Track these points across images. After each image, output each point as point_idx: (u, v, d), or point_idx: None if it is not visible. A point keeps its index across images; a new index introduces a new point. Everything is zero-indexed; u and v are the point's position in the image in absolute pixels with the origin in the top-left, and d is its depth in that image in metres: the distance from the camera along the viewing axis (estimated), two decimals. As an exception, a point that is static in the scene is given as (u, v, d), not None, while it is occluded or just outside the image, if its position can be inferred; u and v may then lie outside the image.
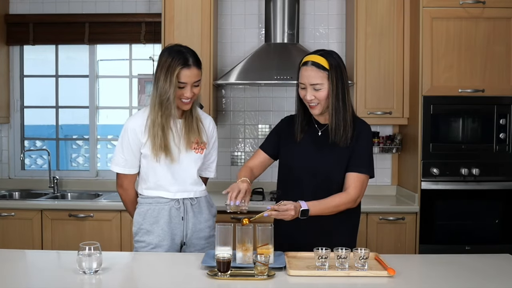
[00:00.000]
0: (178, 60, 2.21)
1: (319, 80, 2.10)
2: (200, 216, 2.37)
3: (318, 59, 2.12)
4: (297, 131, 2.23)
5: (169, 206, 2.32)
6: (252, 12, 3.91)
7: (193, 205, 2.36)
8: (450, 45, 3.27)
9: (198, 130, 2.34)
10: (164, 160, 2.28)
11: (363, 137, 2.19)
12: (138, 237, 2.35)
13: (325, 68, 2.10)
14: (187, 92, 2.23)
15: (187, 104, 2.27)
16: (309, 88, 2.12)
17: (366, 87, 3.51)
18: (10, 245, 3.34)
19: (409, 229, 3.30)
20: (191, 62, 2.23)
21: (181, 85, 2.22)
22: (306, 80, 2.12)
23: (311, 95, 2.12)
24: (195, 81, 2.25)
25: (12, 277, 1.86)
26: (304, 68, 2.14)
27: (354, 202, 2.15)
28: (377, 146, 3.74)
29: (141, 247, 2.33)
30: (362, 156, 2.17)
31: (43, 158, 4.67)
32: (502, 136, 3.28)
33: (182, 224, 2.34)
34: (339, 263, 1.86)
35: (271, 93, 3.92)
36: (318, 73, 2.10)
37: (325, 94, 2.11)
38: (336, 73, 2.11)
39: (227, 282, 1.78)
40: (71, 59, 4.21)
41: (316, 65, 2.11)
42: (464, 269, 1.97)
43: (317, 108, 2.14)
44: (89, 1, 3.99)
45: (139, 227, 2.34)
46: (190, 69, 2.22)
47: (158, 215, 2.31)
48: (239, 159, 3.93)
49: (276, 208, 1.98)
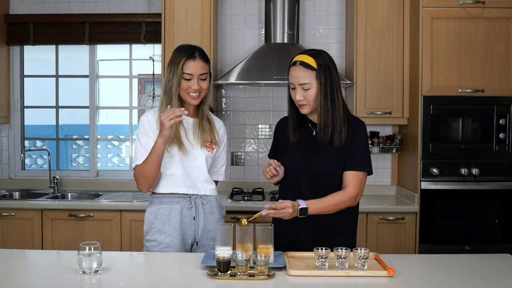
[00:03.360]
0: (184, 53, 2.27)
1: (307, 79, 2.12)
2: (211, 217, 2.37)
3: (307, 59, 2.13)
4: (290, 131, 2.24)
5: (180, 205, 2.31)
6: (252, 12, 3.91)
7: (205, 205, 2.35)
8: (450, 45, 3.27)
9: (211, 129, 2.36)
10: (177, 153, 2.27)
11: (359, 134, 2.19)
12: (149, 236, 2.33)
13: (313, 68, 2.12)
14: (194, 84, 2.25)
15: (195, 98, 2.28)
16: (298, 88, 2.13)
17: (366, 87, 3.51)
18: (10, 245, 3.34)
19: (409, 229, 3.30)
20: (197, 55, 2.27)
21: (187, 76, 2.25)
22: (295, 80, 2.14)
23: (300, 95, 2.13)
24: (201, 74, 2.27)
25: (12, 277, 1.86)
26: (293, 68, 2.16)
27: (354, 200, 2.16)
28: (377, 146, 3.75)
29: (152, 246, 2.32)
30: (359, 154, 2.17)
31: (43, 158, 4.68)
32: (502, 136, 3.28)
33: (194, 224, 2.33)
34: (339, 263, 1.86)
35: (271, 93, 3.92)
36: (306, 73, 2.12)
37: (314, 94, 2.13)
38: (325, 72, 2.12)
39: (227, 282, 1.78)
40: (71, 59, 4.22)
41: (304, 65, 2.13)
42: (464, 269, 1.97)
43: (306, 107, 2.16)
44: (89, 1, 4.00)
45: (151, 226, 2.33)
46: (195, 61, 2.26)
47: (170, 214, 2.31)
48: (239, 159, 3.94)
49: (274, 207, 1.99)
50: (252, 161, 3.94)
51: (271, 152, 2.41)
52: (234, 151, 3.94)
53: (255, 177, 3.88)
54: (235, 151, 3.95)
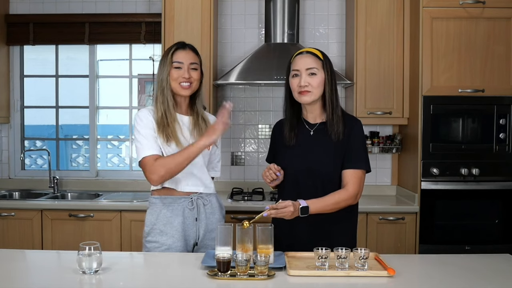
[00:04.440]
0: (174, 45, 2.34)
1: (315, 64, 2.16)
2: (212, 217, 2.37)
3: (313, 50, 2.21)
4: (286, 131, 2.25)
5: (182, 206, 2.31)
6: (252, 12, 3.91)
7: (206, 205, 2.35)
8: (450, 45, 3.27)
9: (206, 126, 2.36)
10: (175, 150, 2.26)
11: (355, 132, 2.20)
12: (151, 237, 2.32)
13: (320, 58, 2.18)
14: (185, 73, 2.27)
15: (186, 88, 2.29)
16: (304, 73, 2.15)
17: (366, 87, 3.51)
18: (10, 245, 3.34)
19: (409, 229, 3.30)
20: (186, 46, 2.34)
21: (177, 64, 2.27)
22: (302, 65, 2.16)
23: (305, 81, 2.14)
24: (191, 62, 2.30)
25: (12, 277, 1.86)
26: (299, 56, 2.19)
27: (355, 198, 2.16)
28: (377, 146, 3.75)
29: (154, 247, 2.31)
30: (356, 152, 2.18)
31: (43, 158, 4.68)
32: (502, 136, 3.28)
33: (196, 225, 2.33)
34: (339, 263, 1.86)
35: (271, 93, 3.92)
36: (314, 60, 2.17)
37: (319, 81, 2.15)
38: (330, 67, 2.19)
39: (227, 282, 1.78)
40: (71, 59, 4.21)
41: (312, 54, 2.19)
42: (464, 269, 1.97)
43: (308, 95, 2.16)
44: (89, 1, 4.00)
45: (152, 227, 2.32)
46: (185, 50, 2.33)
47: (172, 216, 2.30)
48: (239, 159, 3.93)
49: (275, 207, 1.99)
50: (252, 161, 3.94)
51: (269, 156, 2.41)
52: (234, 151, 3.94)
53: (255, 177, 3.88)
54: (235, 151, 3.94)
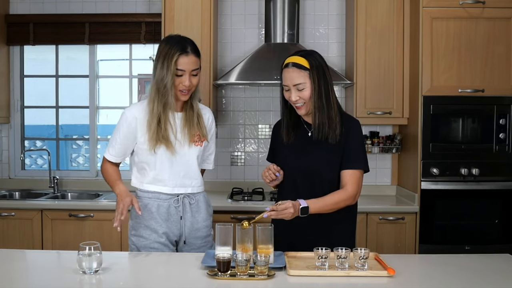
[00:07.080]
0: (176, 47, 2.23)
1: (301, 79, 2.13)
2: (198, 216, 2.37)
3: (298, 60, 2.15)
4: (283, 132, 2.25)
5: (168, 203, 2.32)
6: (252, 12, 3.91)
7: (192, 204, 2.35)
8: (450, 45, 3.27)
9: (200, 125, 2.34)
10: (164, 153, 2.27)
11: (353, 132, 2.20)
12: (135, 231, 2.34)
13: (306, 68, 2.13)
14: (186, 81, 2.24)
15: (185, 94, 2.28)
16: (293, 89, 2.14)
17: (366, 87, 3.51)
18: (10, 245, 3.34)
19: (409, 229, 3.30)
20: (189, 50, 2.25)
21: (179, 72, 2.23)
22: (289, 81, 2.15)
23: (296, 96, 2.14)
24: (193, 69, 2.26)
25: (12, 277, 1.86)
26: (286, 70, 2.17)
27: (354, 198, 2.16)
28: (377, 146, 3.75)
29: (138, 241, 2.32)
30: (354, 152, 2.18)
31: (43, 158, 4.68)
32: (502, 136, 3.28)
33: (180, 223, 2.33)
34: (339, 263, 1.86)
35: (271, 93, 3.92)
36: (299, 73, 2.13)
37: (309, 93, 2.14)
38: (318, 72, 2.13)
39: (227, 282, 1.78)
40: (71, 59, 4.21)
41: (297, 66, 2.14)
42: (464, 269, 1.97)
43: (303, 108, 2.17)
44: (89, 1, 4.00)
45: (136, 221, 2.34)
46: (188, 56, 2.24)
47: (157, 211, 2.31)
48: (239, 159, 3.94)
49: (275, 208, 1.99)
50: (252, 161, 3.94)
51: (269, 155, 2.42)
52: (234, 151, 3.94)
53: (255, 177, 3.88)
54: (235, 151, 3.94)
